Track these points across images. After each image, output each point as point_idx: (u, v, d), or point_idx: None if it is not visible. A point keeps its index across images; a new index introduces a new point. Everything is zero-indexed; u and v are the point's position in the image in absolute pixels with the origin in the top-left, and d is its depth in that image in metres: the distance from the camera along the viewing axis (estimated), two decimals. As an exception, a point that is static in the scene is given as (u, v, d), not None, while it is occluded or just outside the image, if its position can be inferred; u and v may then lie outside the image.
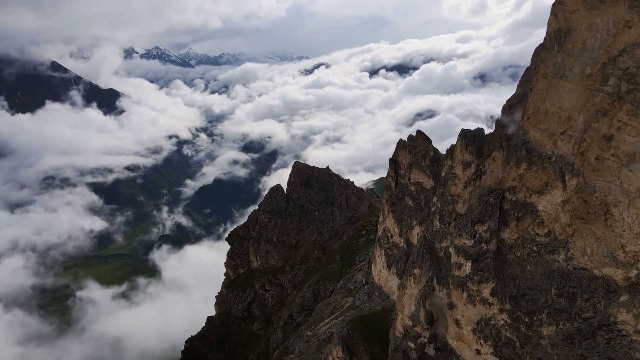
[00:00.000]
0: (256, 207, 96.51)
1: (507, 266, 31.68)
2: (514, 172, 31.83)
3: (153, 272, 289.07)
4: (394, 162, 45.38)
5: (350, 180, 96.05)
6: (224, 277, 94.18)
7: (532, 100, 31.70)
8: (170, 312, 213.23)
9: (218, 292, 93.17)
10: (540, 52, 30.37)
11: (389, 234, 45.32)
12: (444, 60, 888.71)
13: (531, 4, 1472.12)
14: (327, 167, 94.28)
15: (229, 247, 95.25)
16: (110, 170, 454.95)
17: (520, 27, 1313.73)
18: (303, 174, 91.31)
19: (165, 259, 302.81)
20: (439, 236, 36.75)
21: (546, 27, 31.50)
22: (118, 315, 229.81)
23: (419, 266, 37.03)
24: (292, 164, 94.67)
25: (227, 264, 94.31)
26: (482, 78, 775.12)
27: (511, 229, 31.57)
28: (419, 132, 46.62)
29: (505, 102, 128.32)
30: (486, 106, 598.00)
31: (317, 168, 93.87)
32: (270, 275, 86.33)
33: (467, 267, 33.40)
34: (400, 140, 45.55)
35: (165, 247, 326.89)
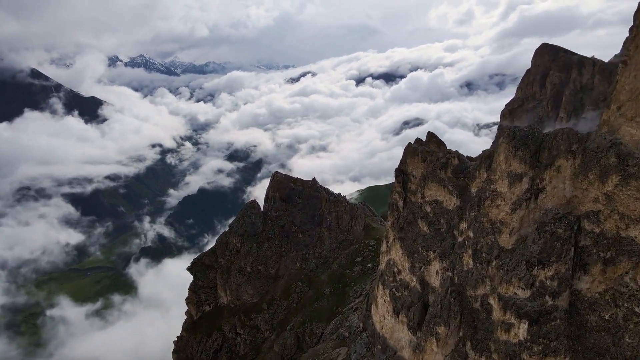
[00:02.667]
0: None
1: (587, 334, 21.05)
2: (595, 190, 21.17)
3: (129, 288, 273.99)
4: (401, 173, 34.71)
5: (342, 194, 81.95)
6: (185, 317, 79.78)
7: (626, 80, 20.70)
8: (145, 331, 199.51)
9: (177, 337, 79.16)
10: (642, 4, 19.60)
11: (396, 269, 34.56)
12: (430, 68, 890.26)
13: (518, 14, 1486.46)
14: (314, 179, 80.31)
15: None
16: (90, 180, 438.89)
17: (506, 36, 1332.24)
18: (284, 187, 76.79)
19: (143, 274, 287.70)
20: (472, 280, 26.00)
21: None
22: (90, 336, 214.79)
23: (445, 322, 26.26)
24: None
25: (189, 301, 78.41)
26: (469, 86, 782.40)
27: (594, 277, 21.01)
28: (430, 135, 36.07)
29: (504, 107, 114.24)
30: (473, 114, 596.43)
31: (301, 180, 79.35)
32: (242, 315, 71.37)
33: (522, 330, 22.65)
34: (410, 145, 34.92)
35: (143, 261, 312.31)
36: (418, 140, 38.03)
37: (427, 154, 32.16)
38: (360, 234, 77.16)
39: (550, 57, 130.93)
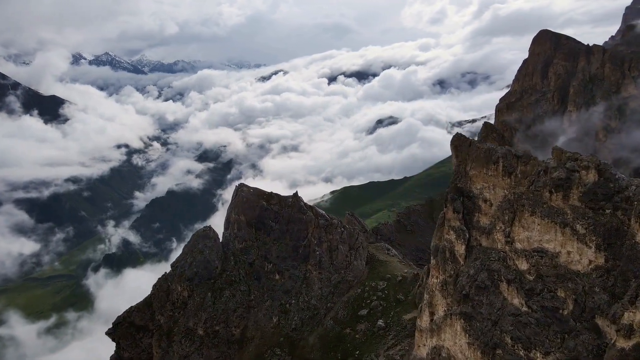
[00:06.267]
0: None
1: None
2: None
3: (86, 302, 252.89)
4: (459, 195, 20.06)
5: (332, 217, 59.68)
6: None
7: None
8: (102, 352, 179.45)
9: None
10: None
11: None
12: (403, 67, 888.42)
13: (491, 13, 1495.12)
14: (295, 194, 58.89)
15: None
16: (47, 184, 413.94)
17: (479, 35, 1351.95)
18: (252, 207, 55.71)
19: (102, 286, 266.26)
20: None
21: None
22: (42, 359, 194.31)
23: None
24: (241, 184, 58.62)
25: (109, 381, 54.28)
26: (441, 84, 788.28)
27: None
28: (488, 128, 24.76)
29: (499, 102, 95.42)
30: (446, 111, 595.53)
31: (277, 196, 58.12)
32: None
33: None
34: (475, 143, 20.23)
35: (102, 271, 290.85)
36: (459, 137, 23.32)
37: (515, 161, 17.63)
38: (362, 272, 55.92)
39: (552, 44, 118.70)
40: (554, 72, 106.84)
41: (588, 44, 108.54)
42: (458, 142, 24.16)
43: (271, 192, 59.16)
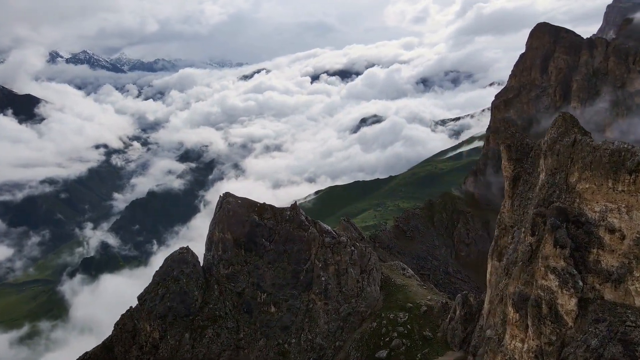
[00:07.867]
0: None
1: None
2: None
3: (61, 310, 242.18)
4: (561, 221, 13.62)
5: (340, 233, 49.25)
6: None
7: None
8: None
9: None
10: None
11: None
12: (387, 65, 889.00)
13: (475, 12, 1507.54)
14: (294, 205, 48.97)
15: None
16: (21, 186, 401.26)
17: (462, 34, 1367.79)
18: (241, 222, 45.00)
19: (77, 292, 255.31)
20: None
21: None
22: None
23: None
24: (227, 189, 47.88)
25: None
26: (425, 83, 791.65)
27: None
28: (568, 119, 15.20)
29: (494, 98, 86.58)
30: (430, 109, 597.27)
31: (272, 207, 47.50)
32: None
33: None
34: (586, 140, 13.69)
35: (79, 277, 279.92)
36: (513, 134, 16.98)
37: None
38: (377, 300, 46.31)
39: (551, 38, 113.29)
40: (554, 67, 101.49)
41: (590, 37, 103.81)
42: (511, 140, 17.80)
43: (264, 204, 48.67)
